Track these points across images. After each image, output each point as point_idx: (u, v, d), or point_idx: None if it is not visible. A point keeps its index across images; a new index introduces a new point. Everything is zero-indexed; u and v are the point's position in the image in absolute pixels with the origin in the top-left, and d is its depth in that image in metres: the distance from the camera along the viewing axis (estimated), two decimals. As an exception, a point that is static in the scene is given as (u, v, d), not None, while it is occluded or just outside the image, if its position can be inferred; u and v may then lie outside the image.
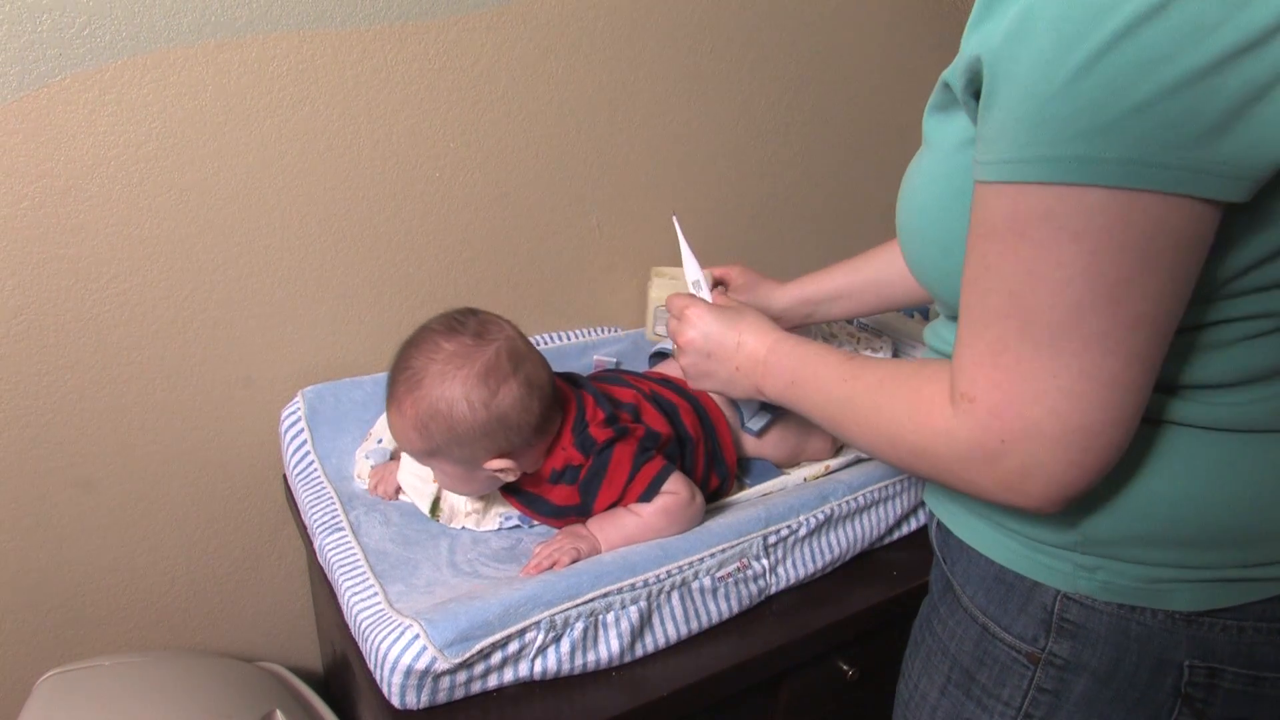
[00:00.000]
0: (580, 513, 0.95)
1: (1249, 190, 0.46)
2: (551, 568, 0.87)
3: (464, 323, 0.89)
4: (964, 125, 0.55)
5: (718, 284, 1.07)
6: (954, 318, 0.66)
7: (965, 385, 0.53)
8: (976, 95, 0.51)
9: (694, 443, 1.00)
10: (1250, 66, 0.43)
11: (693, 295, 0.90)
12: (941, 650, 0.70)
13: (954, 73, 0.53)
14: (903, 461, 0.61)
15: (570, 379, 1.00)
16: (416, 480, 0.99)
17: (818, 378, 0.71)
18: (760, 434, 1.06)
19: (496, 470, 0.90)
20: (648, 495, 0.92)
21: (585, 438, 0.92)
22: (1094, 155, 0.45)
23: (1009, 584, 0.63)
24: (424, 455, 0.90)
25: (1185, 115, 0.43)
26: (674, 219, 0.98)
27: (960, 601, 0.68)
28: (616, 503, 0.93)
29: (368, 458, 1.05)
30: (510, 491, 0.98)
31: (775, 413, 1.06)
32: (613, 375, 1.09)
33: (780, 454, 1.09)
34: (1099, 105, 0.44)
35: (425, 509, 0.98)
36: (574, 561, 0.88)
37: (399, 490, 1.02)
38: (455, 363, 0.87)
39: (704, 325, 0.83)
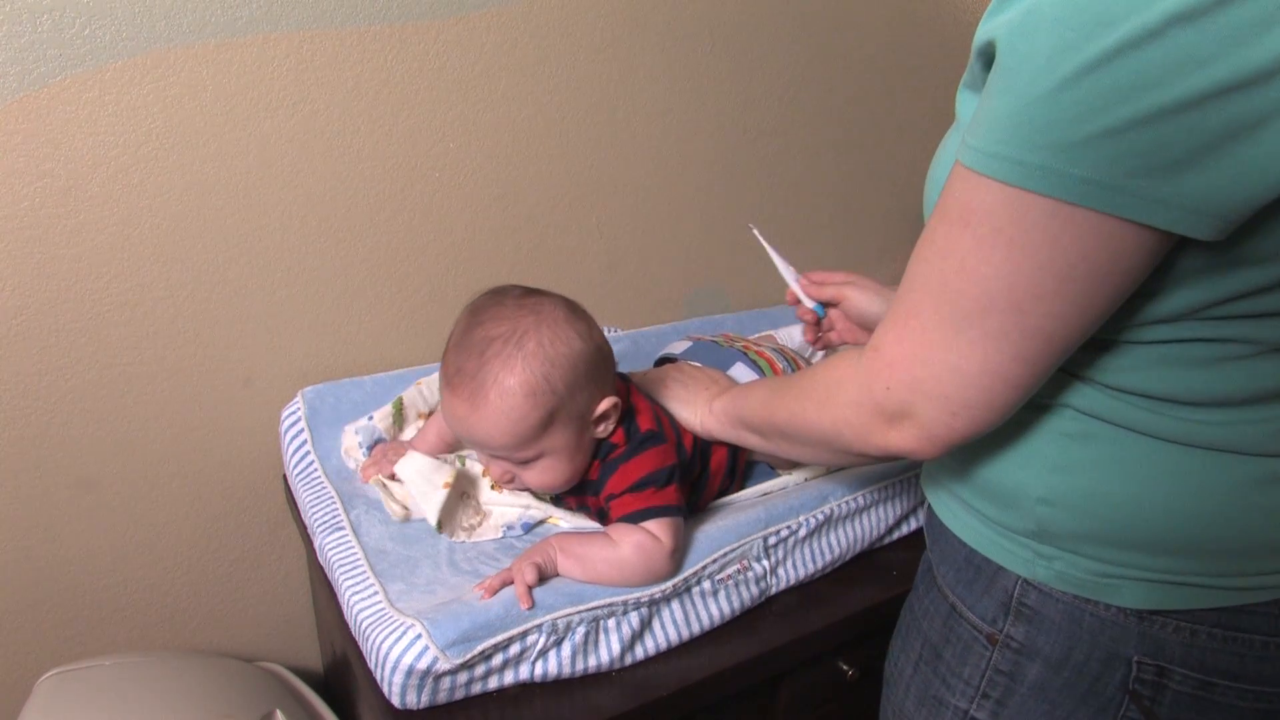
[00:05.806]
0: (593, 491, 0.91)
1: (1216, 227, 0.46)
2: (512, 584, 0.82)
3: (503, 290, 0.87)
4: None
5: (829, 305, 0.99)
6: None
7: (877, 337, 0.59)
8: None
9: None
10: (1236, 105, 0.42)
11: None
12: (916, 628, 0.72)
13: (975, 52, 0.55)
14: (820, 440, 0.68)
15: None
16: (425, 485, 0.93)
17: (751, 409, 0.79)
18: None
19: (605, 412, 0.86)
20: (635, 518, 0.86)
21: (631, 423, 0.90)
22: (1059, 168, 0.46)
23: (977, 566, 0.66)
24: (536, 433, 0.82)
25: (1155, 145, 0.44)
26: (753, 230, 0.93)
27: (936, 581, 0.70)
28: (614, 499, 0.89)
29: (357, 433, 1.04)
30: None
31: None
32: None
33: (777, 459, 1.08)
34: (1075, 120, 0.45)
35: (432, 520, 0.92)
36: (539, 577, 0.83)
37: (394, 475, 0.96)
38: (534, 310, 0.82)
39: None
